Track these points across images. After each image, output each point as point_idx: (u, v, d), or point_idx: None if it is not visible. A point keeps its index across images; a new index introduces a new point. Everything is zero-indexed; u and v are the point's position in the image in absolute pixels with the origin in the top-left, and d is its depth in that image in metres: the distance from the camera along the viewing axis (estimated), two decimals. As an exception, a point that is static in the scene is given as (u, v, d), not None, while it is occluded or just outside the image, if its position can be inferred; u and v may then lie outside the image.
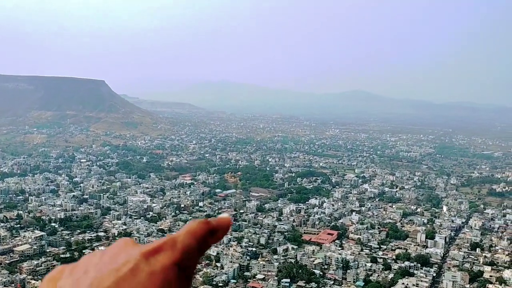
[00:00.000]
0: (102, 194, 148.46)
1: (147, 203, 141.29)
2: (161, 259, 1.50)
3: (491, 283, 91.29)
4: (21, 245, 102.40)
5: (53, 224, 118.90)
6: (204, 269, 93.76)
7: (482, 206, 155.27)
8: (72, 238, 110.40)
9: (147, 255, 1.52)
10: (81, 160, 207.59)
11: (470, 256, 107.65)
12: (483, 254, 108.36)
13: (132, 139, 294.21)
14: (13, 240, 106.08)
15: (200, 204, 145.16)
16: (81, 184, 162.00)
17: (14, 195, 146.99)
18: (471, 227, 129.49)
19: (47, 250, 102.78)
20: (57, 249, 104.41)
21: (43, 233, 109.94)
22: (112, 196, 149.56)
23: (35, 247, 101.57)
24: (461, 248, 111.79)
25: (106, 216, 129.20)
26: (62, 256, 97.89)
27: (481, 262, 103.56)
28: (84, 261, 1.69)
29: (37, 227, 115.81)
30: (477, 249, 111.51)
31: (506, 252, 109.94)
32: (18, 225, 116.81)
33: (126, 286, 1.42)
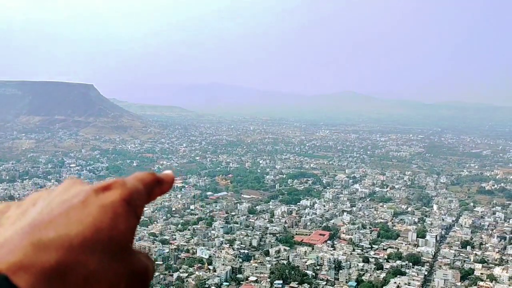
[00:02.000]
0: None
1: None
2: (111, 194, 1.52)
3: (482, 280, 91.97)
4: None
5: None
6: (197, 272, 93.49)
7: (472, 204, 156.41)
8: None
9: (98, 190, 1.54)
10: (71, 165, 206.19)
11: (461, 254, 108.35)
12: (474, 252, 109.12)
13: (122, 143, 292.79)
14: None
15: (192, 207, 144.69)
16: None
17: (2, 201, 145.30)
18: (462, 226, 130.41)
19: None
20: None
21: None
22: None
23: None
24: (452, 247, 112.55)
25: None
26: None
27: (471, 260, 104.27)
28: (31, 196, 1.68)
29: None
30: (468, 247, 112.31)
31: (496, 250, 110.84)
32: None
33: (76, 216, 1.43)
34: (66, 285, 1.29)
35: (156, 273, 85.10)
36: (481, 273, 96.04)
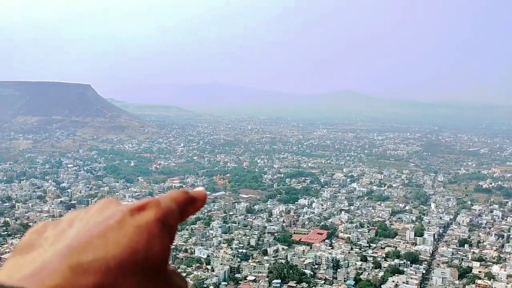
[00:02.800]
0: (90, 199, 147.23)
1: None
2: (146, 215, 1.54)
3: (480, 278, 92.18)
4: (8, 252, 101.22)
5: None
6: (195, 272, 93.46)
7: (469, 202, 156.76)
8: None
9: (133, 211, 1.56)
10: (68, 165, 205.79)
11: (459, 252, 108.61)
12: (472, 250, 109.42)
13: (120, 143, 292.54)
14: (0, 247, 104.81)
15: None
16: (69, 190, 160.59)
17: (0, 202, 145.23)
18: (459, 224, 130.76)
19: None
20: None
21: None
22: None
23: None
24: (449, 245, 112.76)
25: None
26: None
27: (469, 258, 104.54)
28: (68, 216, 1.71)
29: (24, 234, 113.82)
30: (466, 245, 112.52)
31: (494, 248, 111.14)
32: (6, 232, 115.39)
33: (113, 236, 1.45)
34: None
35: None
36: (479, 271, 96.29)
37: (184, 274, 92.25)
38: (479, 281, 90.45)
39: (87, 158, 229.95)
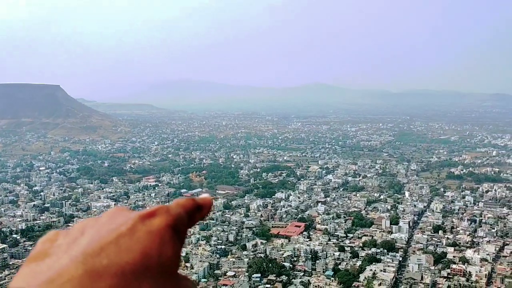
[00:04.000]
0: (64, 202, 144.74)
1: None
2: (157, 221, 1.58)
3: (454, 263, 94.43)
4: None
5: (14, 235, 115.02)
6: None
7: (442, 189, 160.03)
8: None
9: (143, 217, 1.60)
10: (40, 168, 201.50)
11: (434, 238, 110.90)
12: (446, 236, 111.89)
13: (92, 143, 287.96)
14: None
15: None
16: (42, 193, 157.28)
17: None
18: (433, 211, 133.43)
19: (10, 263, 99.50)
20: (20, 261, 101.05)
21: (4, 245, 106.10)
22: (75, 203, 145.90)
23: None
24: (424, 232, 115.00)
25: (70, 224, 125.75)
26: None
27: (444, 244, 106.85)
28: (79, 225, 1.74)
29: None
30: (440, 231, 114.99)
31: (467, 233, 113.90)
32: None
33: (126, 243, 1.49)
34: None
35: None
36: (454, 256, 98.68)
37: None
38: (454, 266, 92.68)
39: (59, 160, 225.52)
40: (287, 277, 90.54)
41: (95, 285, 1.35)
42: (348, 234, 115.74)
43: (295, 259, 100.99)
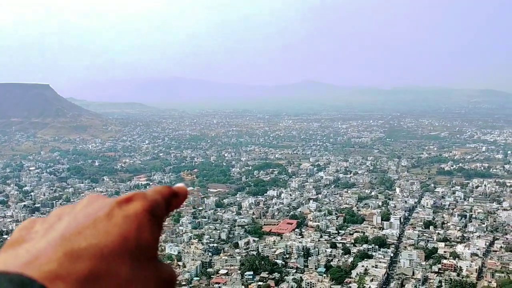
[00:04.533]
0: (54, 202, 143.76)
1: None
2: (134, 206, 1.58)
3: (445, 258, 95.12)
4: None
5: (5, 236, 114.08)
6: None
7: (432, 185, 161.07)
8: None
9: (120, 203, 1.60)
10: (30, 168, 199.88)
11: (424, 234, 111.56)
12: (436, 231, 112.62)
13: (82, 142, 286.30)
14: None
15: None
16: (32, 193, 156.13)
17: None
18: (424, 206, 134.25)
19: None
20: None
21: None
22: (65, 203, 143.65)
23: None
24: (415, 227, 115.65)
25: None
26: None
27: (435, 239, 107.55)
28: (55, 211, 1.74)
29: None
30: (430, 227, 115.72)
31: (458, 228, 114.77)
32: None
33: (104, 227, 1.48)
34: None
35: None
36: (444, 251, 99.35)
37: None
38: (444, 261, 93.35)
39: (49, 159, 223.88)
40: (279, 274, 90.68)
41: (74, 266, 1.34)
42: (340, 231, 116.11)
43: (287, 256, 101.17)
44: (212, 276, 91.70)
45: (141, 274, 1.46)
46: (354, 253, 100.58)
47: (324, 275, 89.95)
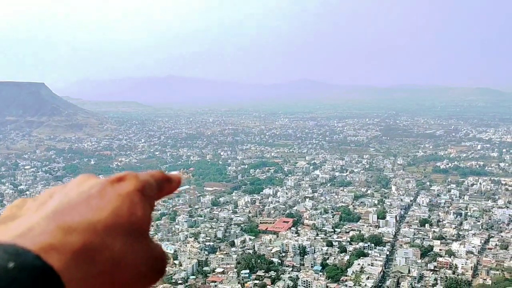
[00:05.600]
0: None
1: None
2: (126, 185, 1.59)
3: (441, 256, 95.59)
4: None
5: None
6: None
7: (428, 183, 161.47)
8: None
9: (113, 181, 1.61)
10: (25, 167, 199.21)
11: (420, 232, 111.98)
12: (432, 229, 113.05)
13: (78, 141, 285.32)
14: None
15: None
16: (27, 192, 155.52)
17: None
18: (419, 204, 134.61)
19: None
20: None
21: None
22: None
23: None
24: (411, 225, 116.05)
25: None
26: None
27: (430, 237, 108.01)
28: (47, 190, 1.72)
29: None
30: (426, 225, 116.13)
31: (453, 226, 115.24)
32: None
33: (96, 204, 1.50)
34: (95, 265, 1.35)
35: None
36: (440, 249, 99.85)
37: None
38: (440, 259, 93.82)
39: (44, 158, 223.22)
40: (275, 273, 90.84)
41: (68, 238, 1.35)
42: (336, 229, 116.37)
43: (283, 254, 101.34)
44: (208, 274, 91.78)
45: (133, 249, 1.48)
46: (350, 251, 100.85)
47: (320, 273, 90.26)
